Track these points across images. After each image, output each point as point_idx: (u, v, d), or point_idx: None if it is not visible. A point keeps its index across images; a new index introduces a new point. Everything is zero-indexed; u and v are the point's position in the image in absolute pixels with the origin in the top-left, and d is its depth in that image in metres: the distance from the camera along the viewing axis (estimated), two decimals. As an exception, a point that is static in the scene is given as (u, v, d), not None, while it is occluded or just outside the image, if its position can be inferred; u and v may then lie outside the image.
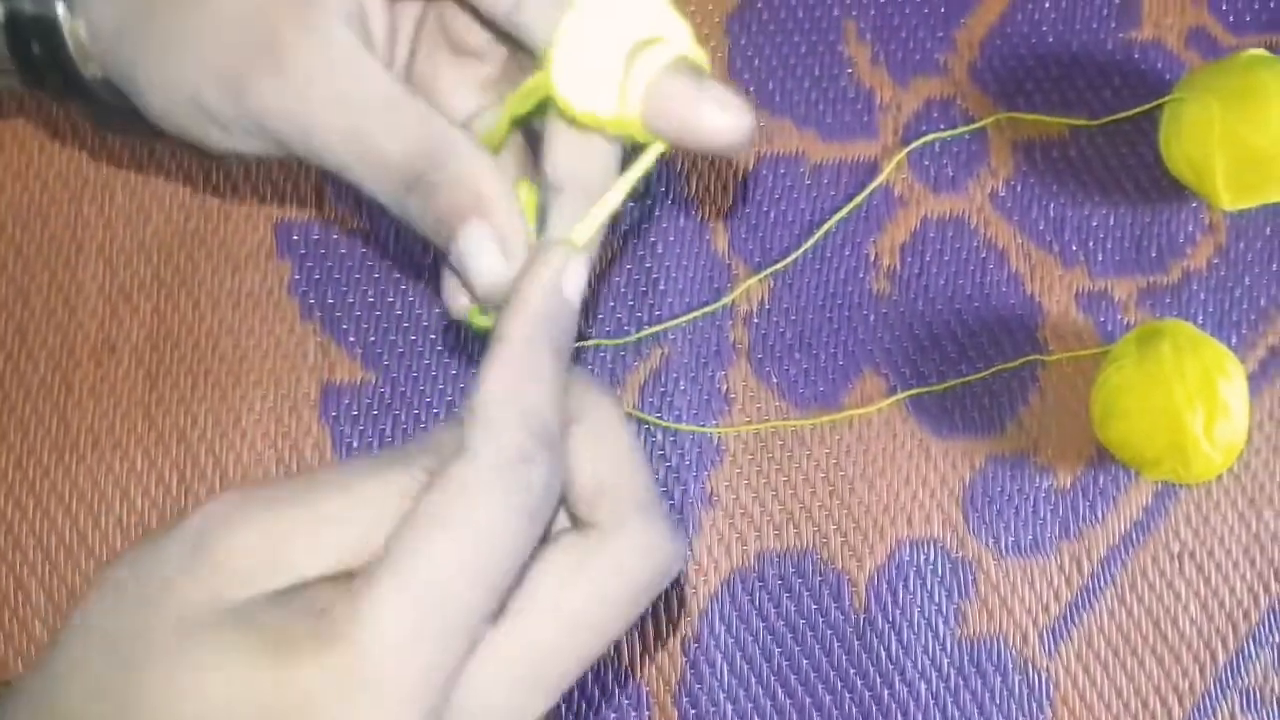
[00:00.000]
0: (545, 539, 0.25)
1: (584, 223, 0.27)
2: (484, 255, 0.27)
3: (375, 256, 0.48)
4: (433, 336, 0.48)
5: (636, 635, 0.46)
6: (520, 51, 0.30)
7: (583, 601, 0.24)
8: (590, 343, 0.47)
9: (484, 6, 0.28)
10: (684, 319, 0.47)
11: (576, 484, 0.25)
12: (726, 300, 0.48)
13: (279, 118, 0.28)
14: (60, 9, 0.30)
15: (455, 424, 0.25)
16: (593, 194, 0.28)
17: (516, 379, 0.25)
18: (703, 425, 0.47)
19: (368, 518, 0.24)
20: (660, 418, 0.47)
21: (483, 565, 0.23)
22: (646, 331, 0.47)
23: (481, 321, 0.29)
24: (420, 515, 0.23)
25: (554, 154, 0.29)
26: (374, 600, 0.22)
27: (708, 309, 0.48)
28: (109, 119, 0.33)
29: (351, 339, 0.48)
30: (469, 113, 0.32)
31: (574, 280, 0.26)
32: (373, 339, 0.48)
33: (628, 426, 0.27)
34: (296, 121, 0.28)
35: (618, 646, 0.46)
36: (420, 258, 0.48)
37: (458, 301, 0.30)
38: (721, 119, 0.26)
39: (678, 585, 0.46)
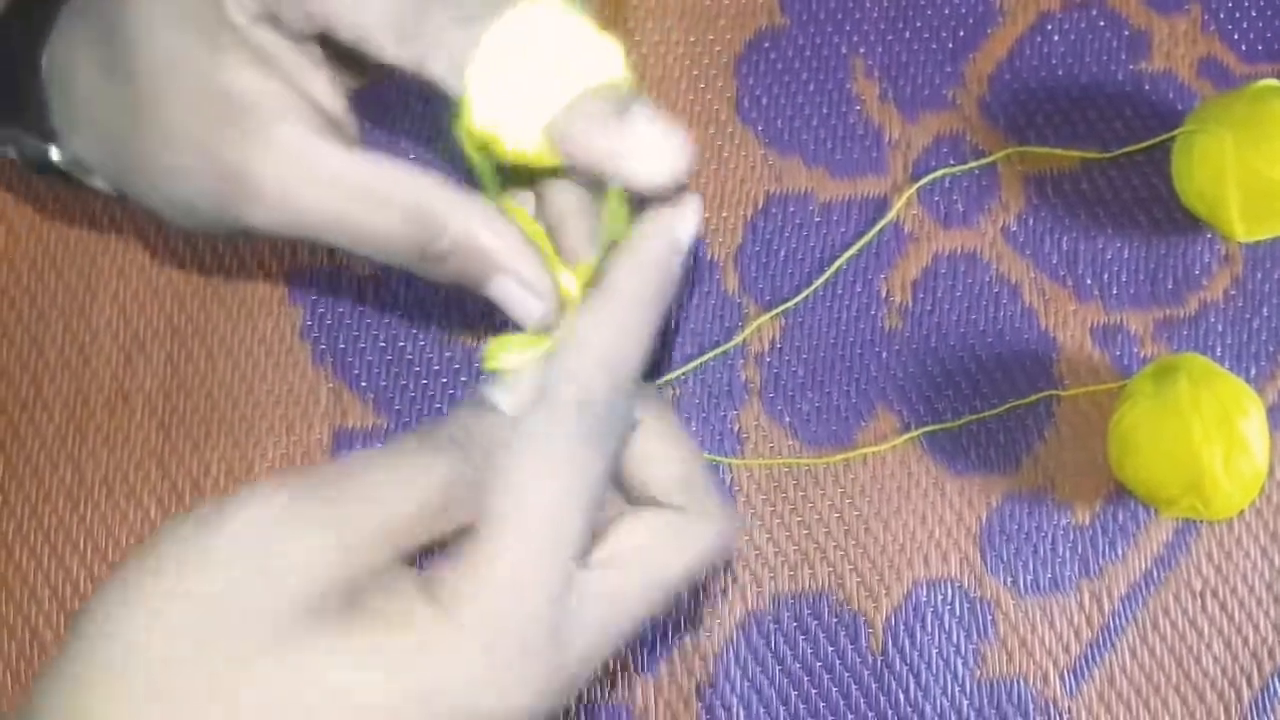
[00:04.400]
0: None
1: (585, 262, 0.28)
2: (519, 305, 0.28)
3: (386, 301, 0.48)
4: (444, 380, 0.48)
5: (651, 681, 0.46)
6: None
7: (672, 566, 0.26)
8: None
9: (400, 68, 0.27)
10: (697, 362, 0.47)
11: (660, 476, 0.27)
12: (738, 340, 0.47)
13: (273, 227, 0.28)
14: (54, 153, 0.31)
15: (480, 410, 0.25)
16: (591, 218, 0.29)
17: (617, 336, 0.25)
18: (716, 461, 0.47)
19: (419, 503, 0.24)
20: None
21: (579, 509, 0.24)
22: (662, 380, 0.47)
23: (494, 364, 0.29)
24: (519, 479, 0.24)
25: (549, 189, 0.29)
26: (490, 558, 0.23)
27: (720, 349, 0.47)
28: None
29: (363, 384, 0.48)
30: None
31: (690, 224, 0.26)
32: (384, 383, 0.48)
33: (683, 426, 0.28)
34: (288, 226, 0.28)
35: (632, 691, 0.46)
36: (430, 302, 0.48)
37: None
38: (645, 152, 0.24)
39: (693, 630, 0.46)
